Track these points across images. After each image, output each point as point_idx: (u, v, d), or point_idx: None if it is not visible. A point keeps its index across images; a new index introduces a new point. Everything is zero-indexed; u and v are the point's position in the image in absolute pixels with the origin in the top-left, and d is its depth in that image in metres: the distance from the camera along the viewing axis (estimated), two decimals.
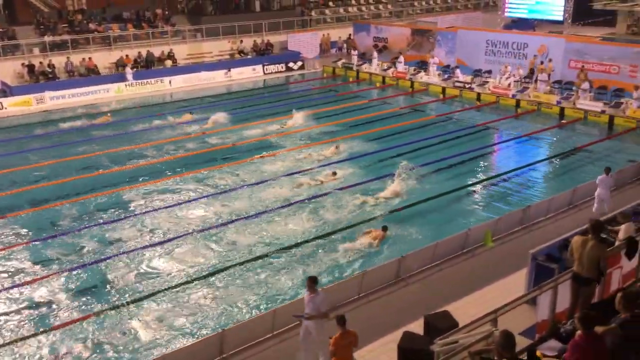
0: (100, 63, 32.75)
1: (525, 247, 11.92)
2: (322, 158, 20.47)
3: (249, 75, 35.35)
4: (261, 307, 11.80)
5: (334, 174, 18.60)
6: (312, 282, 9.31)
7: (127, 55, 33.46)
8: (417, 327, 10.22)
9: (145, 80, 32.06)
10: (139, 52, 33.90)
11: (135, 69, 32.83)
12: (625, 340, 6.75)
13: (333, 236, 14.73)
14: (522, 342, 7.72)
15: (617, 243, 10.27)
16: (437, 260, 13.07)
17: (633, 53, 25.65)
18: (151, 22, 36.26)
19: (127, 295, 12.40)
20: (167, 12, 37.88)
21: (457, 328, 8.25)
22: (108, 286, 12.82)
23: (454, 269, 12.95)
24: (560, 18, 34.49)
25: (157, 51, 34.63)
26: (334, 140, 22.18)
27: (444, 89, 30.13)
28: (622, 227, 10.56)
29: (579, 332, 6.56)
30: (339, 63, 36.18)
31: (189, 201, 17.16)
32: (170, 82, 32.72)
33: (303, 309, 10.14)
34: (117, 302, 12.12)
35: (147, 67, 33.73)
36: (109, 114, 27.18)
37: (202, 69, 34.53)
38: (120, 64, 33.14)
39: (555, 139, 23.01)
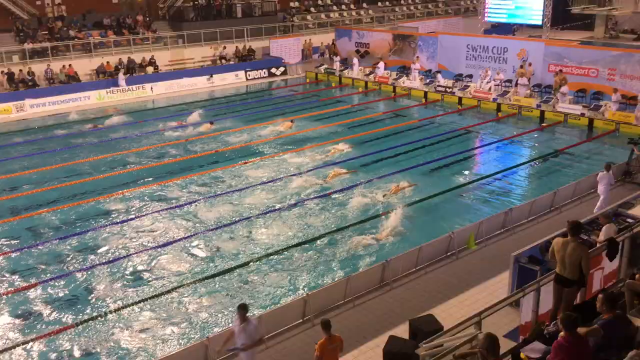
0: (80, 70, 32.49)
1: (508, 250, 12.01)
2: (326, 158, 20.98)
3: (231, 81, 35.30)
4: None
5: (347, 171, 19.29)
6: (242, 310, 8.99)
7: (107, 62, 33.24)
8: (402, 331, 10.25)
9: (126, 87, 31.86)
10: (120, 59, 33.70)
11: (128, 75, 32.77)
12: (607, 341, 6.84)
13: (318, 241, 14.79)
14: (506, 345, 7.79)
15: (598, 244, 10.38)
16: (421, 264, 13.12)
17: (611, 56, 26.03)
18: (132, 29, 36.07)
19: (110, 305, 12.27)
20: (148, 19, 37.71)
21: (442, 331, 8.28)
22: (90, 296, 12.67)
23: (438, 272, 12.99)
24: (540, 22, 34.84)
25: (138, 58, 34.45)
26: (319, 145, 22.33)
27: (425, 93, 30.32)
28: (603, 228, 10.68)
29: (562, 333, 6.62)
30: (322, 68, 36.28)
31: (177, 207, 17.05)
32: (152, 88, 32.56)
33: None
34: (99, 312, 11.98)
35: (128, 73, 33.51)
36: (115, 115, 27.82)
37: (184, 75, 34.43)
38: (100, 71, 32.95)
39: (536, 142, 23.23)
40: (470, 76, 30.62)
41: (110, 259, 14.13)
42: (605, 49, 28.16)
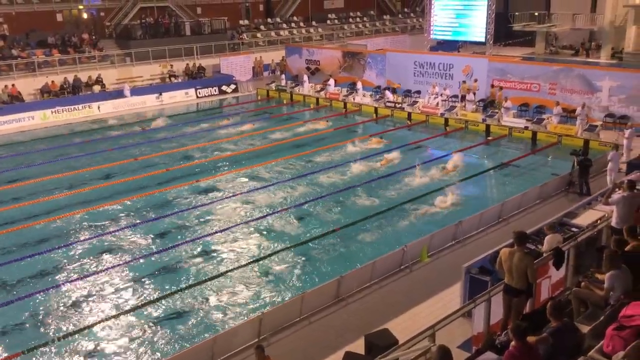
0: (24, 90, 31.57)
1: (459, 261, 12.23)
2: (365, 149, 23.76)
3: (181, 99, 34.94)
4: (199, 335, 11.57)
5: (386, 158, 22.11)
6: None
7: (52, 81, 32.45)
8: (358, 346, 10.25)
9: (72, 107, 31.08)
10: (65, 78, 32.93)
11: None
12: (556, 349, 7.00)
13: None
14: (459, 356, 7.89)
15: (544, 254, 10.65)
16: (375, 278, 13.21)
17: (552, 71, 27.04)
18: (77, 47, 35.35)
19: (58, 331, 11.87)
20: (94, 37, 37.06)
21: (396, 345, 8.33)
22: (37, 322, 12.26)
23: (393, 286, 13.11)
24: (483, 39, 36.01)
25: (84, 76, 33.74)
26: (282, 159, 22.50)
27: (376, 109, 30.74)
28: (546, 238, 10.95)
29: (513, 342, 6.76)
30: (273, 85, 36.35)
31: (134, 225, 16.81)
32: (99, 107, 31.87)
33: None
34: (47, 339, 11.57)
35: (74, 92, 32.78)
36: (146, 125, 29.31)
37: (133, 93, 33.86)
38: (45, 90, 32.13)
39: (482, 155, 23.80)
40: (419, 92, 31.23)
41: (58, 283, 13.70)
42: (546, 65, 29.29)
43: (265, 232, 16.30)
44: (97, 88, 33.61)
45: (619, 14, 37.81)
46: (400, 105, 30.30)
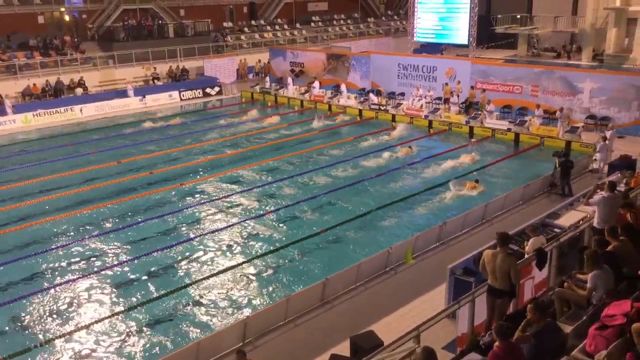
0: (5, 93, 31.19)
1: (443, 262, 12.30)
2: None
3: (165, 101, 34.72)
4: (183, 339, 11.50)
5: (410, 148, 23.66)
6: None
7: (34, 84, 32.11)
8: (343, 348, 10.27)
9: (54, 110, 30.74)
10: (47, 81, 32.60)
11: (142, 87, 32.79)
12: (539, 349, 7.06)
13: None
14: (444, 357, 7.93)
15: (526, 255, 10.74)
16: (361, 280, 13.23)
17: (534, 73, 27.30)
18: (59, 50, 35.03)
19: (39, 336, 11.74)
20: (76, 39, 36.75)
21: (381, 347, 8.34)
22: (18, 327, 12.13)
23: (378, 288, 13.14)
24: (466, 42, 36.23)
25: (66, 79, 33.43)
26: (262, 162, 22.44)
27: (360, 111, 30.80)
28: (530, 241, 11.01)
29: (497, 343, 6.81)
30: (257, 88, 36.29)
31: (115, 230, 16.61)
32: (81, 110, 31.56)
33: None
34: (29, 344, 11.43)
35: (56, 95, 32.46)
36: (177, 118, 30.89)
37: (115, 96, 33.61)
38: (27, 93, 31.80)
39: (466, 157, 23.88)
40: (403, 94, 31.34)
41: (40, 288, 13.54)
42: (528, 67, 29.54)
43: (250, 235, 16.27)
44: (79, 91, 33.31)
45: (599, 17, 38.28)
46: (384, 107, 30.40)
